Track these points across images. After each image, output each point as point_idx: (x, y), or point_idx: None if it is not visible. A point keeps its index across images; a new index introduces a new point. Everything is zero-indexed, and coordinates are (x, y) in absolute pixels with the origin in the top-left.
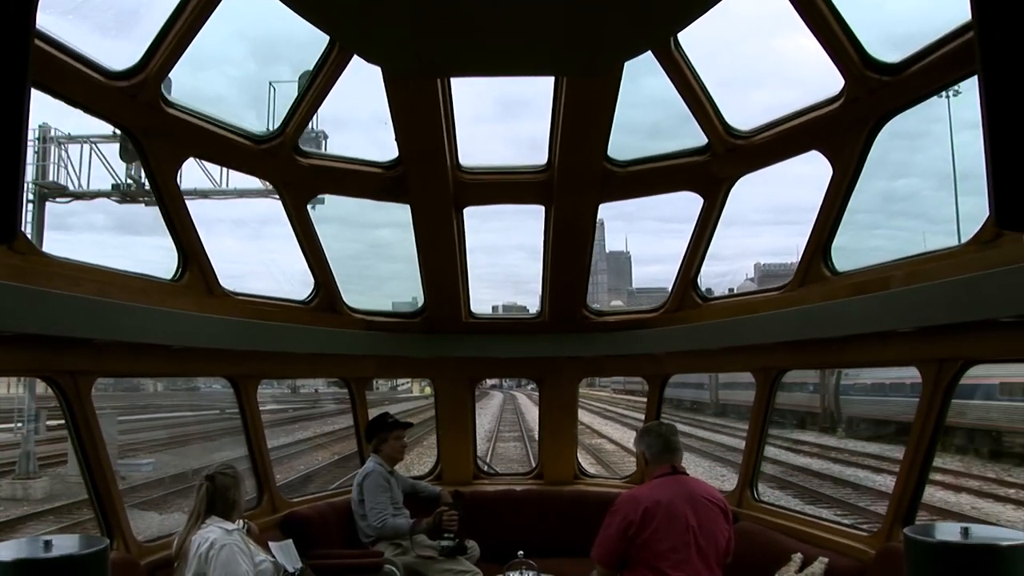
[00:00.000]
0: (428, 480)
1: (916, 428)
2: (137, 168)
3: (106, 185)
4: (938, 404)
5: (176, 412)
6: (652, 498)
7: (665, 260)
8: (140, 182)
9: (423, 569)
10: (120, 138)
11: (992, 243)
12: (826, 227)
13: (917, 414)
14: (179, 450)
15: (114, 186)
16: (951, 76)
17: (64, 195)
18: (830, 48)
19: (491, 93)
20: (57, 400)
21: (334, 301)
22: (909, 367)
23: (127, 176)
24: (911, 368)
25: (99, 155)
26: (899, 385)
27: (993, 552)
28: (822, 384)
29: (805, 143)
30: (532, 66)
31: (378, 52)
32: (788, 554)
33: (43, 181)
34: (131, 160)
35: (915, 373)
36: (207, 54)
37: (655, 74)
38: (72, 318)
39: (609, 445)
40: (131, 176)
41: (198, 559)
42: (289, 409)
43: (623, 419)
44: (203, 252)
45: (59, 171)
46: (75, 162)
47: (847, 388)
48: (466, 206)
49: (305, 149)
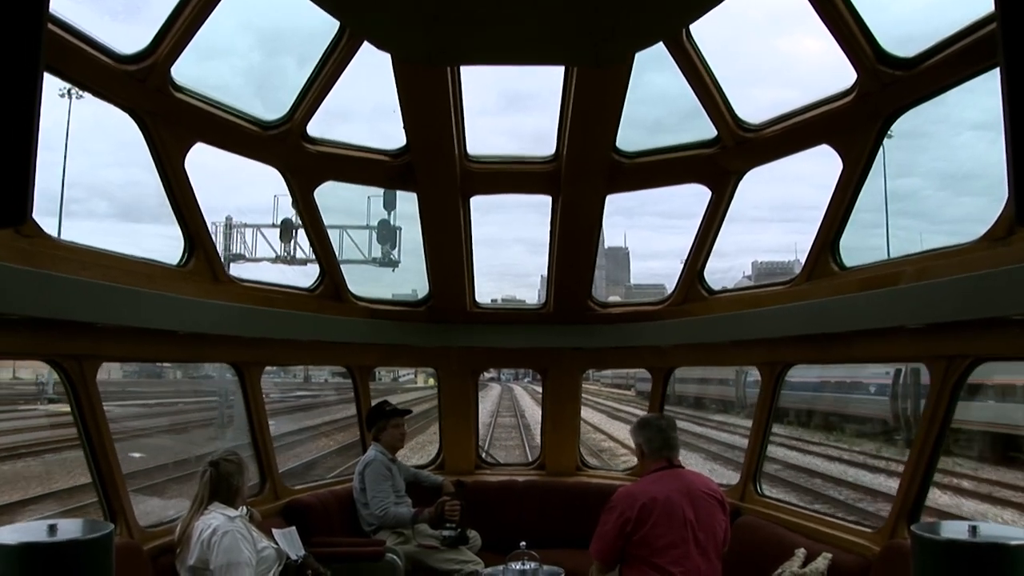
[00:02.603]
0: (430, 469)
1: (923, 425)
2: (293, 246)
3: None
4: (945, 401)
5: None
6: (648, 494)
7: (664, 256)
8: (293, 255)
9: (425, 558)
10: (282, 224)
11: (1004, 240)
12: (835, 222)
13: (924, 411)
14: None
15: (276, 257)
16: (964, 72)
17: (241, 260)
18: (843, 41)
19: (497, 87)
20: (62, 384)
21: (339, 289)
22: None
23: (283, 250)
24: (814, 368)
25: (263, 237)
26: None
27: (1001, 551)
28: (736, 381)
29: (815, 137)
30: (543, 56)
31: (389, 39)
32: (791, 549)
33: (228, 253)
34: (288, 240)
35: (817, 373)
36: (213, 44)
37: (659, 70)
38: (78, 302)
39: (596, 434)
40: (287, 250)
41: (200, 545)
42: (306, 397)
43: (599, 406)
44: (209, 238)
45: (238, 245)
46: (248, 240)
47: (751, 383)
48: (473, 195)
49: (313, 136)
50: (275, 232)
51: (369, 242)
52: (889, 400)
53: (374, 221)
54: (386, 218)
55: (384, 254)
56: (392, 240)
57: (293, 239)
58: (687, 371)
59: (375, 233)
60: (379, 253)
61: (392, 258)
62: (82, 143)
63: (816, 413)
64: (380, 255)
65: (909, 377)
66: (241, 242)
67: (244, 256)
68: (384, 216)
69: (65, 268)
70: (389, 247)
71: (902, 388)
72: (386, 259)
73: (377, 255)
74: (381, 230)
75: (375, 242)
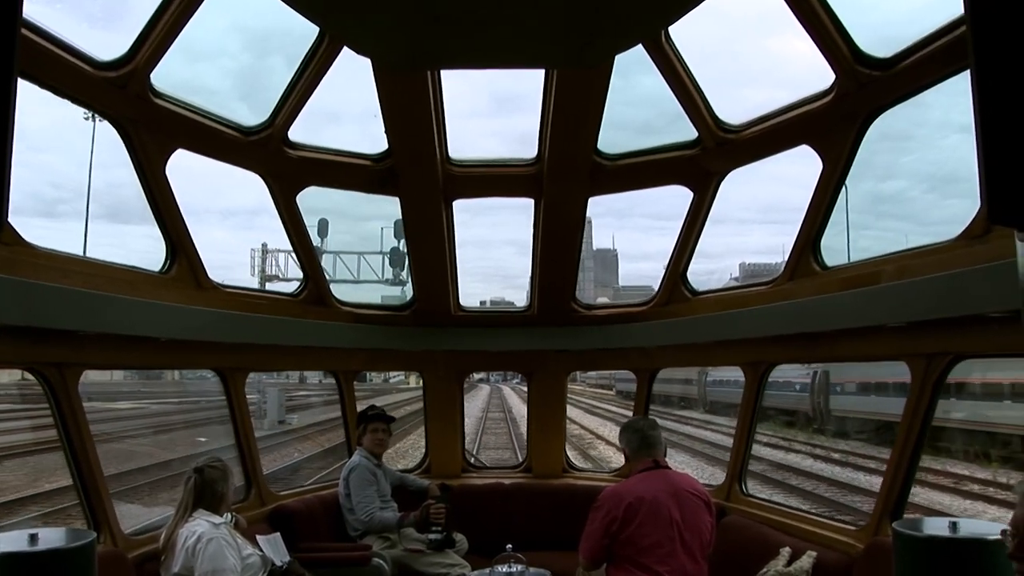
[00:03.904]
0: (416, 473)
1: (904, 423)
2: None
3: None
4: (927, 399)
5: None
6: (634, 493)
7: (653, 257)
8: (385, 277)
9: (411, 562)
10: (391, 252)
11: (981, 238)
12: (815, 222)
13: (905, 409)
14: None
15: (385, 279)
16: (941, 71)
17: (274, 280)
18: (821, 42)
19: (487, 88)
20: (43, 392)
21: (323, 294)
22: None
23: (395, 276)
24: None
25: (294, 260)
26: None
27: (980, 546)
28: (698, 380)
29: (795, 137)
30: (523, 58)
31: (368, 43)
32: (776, 548)
33: (264, 274)
34: (399, 266)
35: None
36: (203, 46)
37: (646, 72)
38: (58, 310)
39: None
40: (397, 276)
41: (185, 552)
42: (312, 396)
43: (579, 403)
44: (191, 244)
45: (272, 267)
46: (280, 264)
47: (711, 383)
48: (455, 199)
49: (294, 141)
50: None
51: (382, 266)
52: (808, 396)
53: (386, 247)
54: (396, 245)
55: (395, 275)
56: (402, 264)
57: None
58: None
59: (387, 258)
60: (391, 275)
61: (402, 279)
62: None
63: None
64: (392, 276)
65: (821, 378)
66: (275, 265)
67: (277, 277)
68: (395, 244)
69: (46, 276)
70: (399, 269)
71: (816, 386)
72: (396, 279)
73: (389, 276)
74: (393, 255)
75: (387, 265)
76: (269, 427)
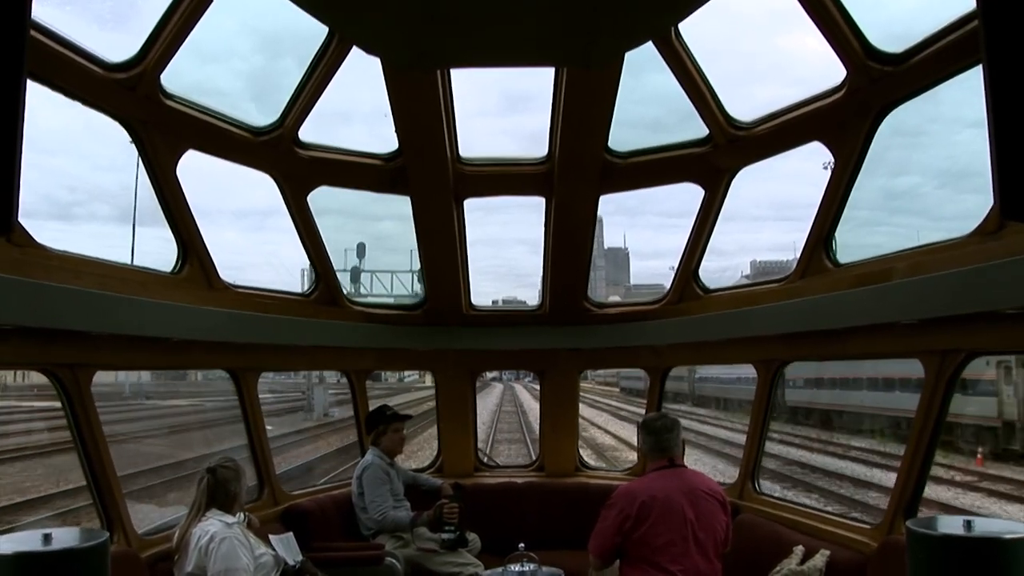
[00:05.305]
0: (429, 472)
1: (918, 421)
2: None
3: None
4: (940, 396)
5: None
6: (648, 492)
7: (664, 255)
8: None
9: (424, 562)
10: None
11: (995, 234)
12: (827, 219)
13: (919, 407)
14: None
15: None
16: (953, 66)
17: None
18: (832, 38)
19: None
20: (56, 393)
21: (334, 293)
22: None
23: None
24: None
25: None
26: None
27: (996, 545)
28: (688, 377)
29: (807, 134)
30: (532, 57)
31: (377, 43)
32: (789, 546)
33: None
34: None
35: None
36: (213, 47)
37: (658, 70)
38: (70, 311)
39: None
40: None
41: (198, 552)
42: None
43: (585, 399)
44: (203, 245)
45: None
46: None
47: (698, 380)
48: (466, 198)
49: (305, 141)
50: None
51: (412, 283)
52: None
53: (415, 266)
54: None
55: (424, 292)
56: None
57: None
58: None
59: (416, 276)
60: (420, 291)
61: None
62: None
63: (731, 401)
64: (420, 293)
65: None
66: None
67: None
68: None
69: (58, 277)
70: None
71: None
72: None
73: (418, 292)
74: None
75: (416, 282)
76: (316, 419)
